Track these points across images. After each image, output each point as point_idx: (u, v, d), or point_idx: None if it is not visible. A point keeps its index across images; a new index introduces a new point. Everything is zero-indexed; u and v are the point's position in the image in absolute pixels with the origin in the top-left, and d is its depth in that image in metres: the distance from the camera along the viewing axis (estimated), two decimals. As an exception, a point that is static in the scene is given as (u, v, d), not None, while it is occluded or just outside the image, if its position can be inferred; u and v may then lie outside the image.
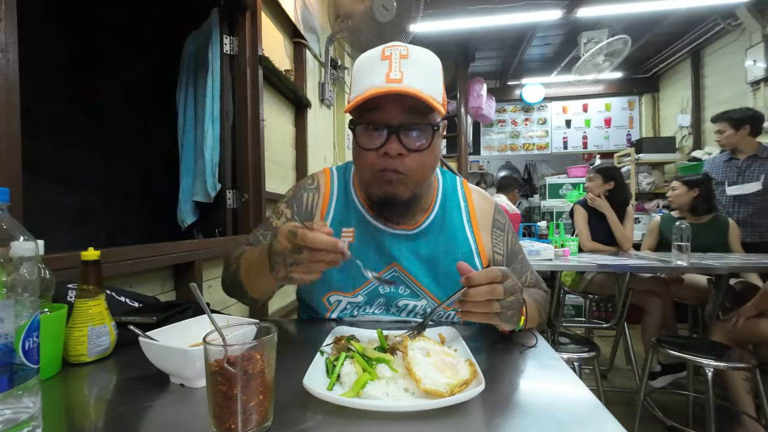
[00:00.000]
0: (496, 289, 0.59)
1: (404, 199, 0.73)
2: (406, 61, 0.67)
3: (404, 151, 0.68)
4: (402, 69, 0.66)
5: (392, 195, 0.72)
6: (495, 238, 0.85)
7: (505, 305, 0.60)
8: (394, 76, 0.65)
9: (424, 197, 0.80)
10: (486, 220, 0.86)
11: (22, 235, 0.41)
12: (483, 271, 0.60)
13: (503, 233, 0.87)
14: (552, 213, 4.67)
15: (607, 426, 0.44)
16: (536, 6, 3.30)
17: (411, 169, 0.70)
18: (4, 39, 0.71)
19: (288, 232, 0.56)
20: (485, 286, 0.59)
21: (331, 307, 0.82)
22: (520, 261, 0.89)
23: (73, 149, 2.07)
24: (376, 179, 0.72)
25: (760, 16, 3.38)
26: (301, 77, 2.15)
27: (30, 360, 0.41)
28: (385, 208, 0.76)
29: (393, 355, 0.57)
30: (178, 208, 1.65)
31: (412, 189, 0.73)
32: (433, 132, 0.70)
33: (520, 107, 5.78)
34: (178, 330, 0.62)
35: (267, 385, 0.43)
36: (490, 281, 0.59)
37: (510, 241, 0.88)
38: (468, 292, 0.59)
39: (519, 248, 0.90)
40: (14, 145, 0.73)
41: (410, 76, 0.66)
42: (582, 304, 3.41)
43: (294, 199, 0.86)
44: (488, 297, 0.58)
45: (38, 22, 1.83)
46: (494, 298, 0.59)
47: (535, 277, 0.90)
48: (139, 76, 2.32)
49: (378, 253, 0.80)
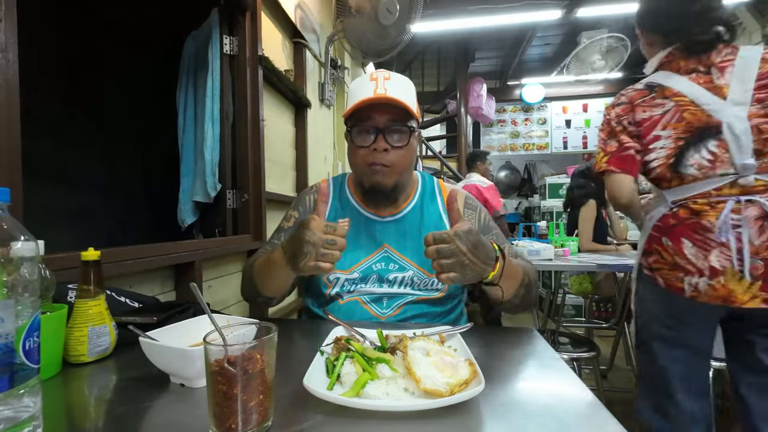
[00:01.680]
0: (441, 248, 0.69)
1: (389, 186, 0.92)
2: (389, 81, 0.88)
3: (389, 147, 0.88)
4: (386, 87, 0.87)
5: (380, 183, 0.91)
6: (465, 215, 1.01)
7: (445, 253, 0.69)
8: (380, 92, 0.86)
9: (405, 189, 1.00)
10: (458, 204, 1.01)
11: (22, 235, 0.41)
12: (429, 234, 0.71)
13: (474, 212, 1.03)
14: (552, 213, 4.68)
15: (607, 426, 0.44)
16: (536, 6, 3.30)
17: (393, 162, 0.90)
18: (4, 39, 0.71)
19: (325, 225, 0.73)
20: (432, 246, 0.70)
21: (331, 284, 0.94)
22: (494, 236, 1.00)
23: (73, 149, 2.07)
24: (367, 171, 0.91)
25: (760, 16, 3.38)
26: (301, 77, 2.15)
27: (30, 360, 0.41)
28: (375, 194, 0.95)
29: (393, 354, 0.57)
30: (178, 208, 1.65)
31: (395, 179, 0.92)
32: (410, 133, 0.90)
33: (520, 107, 5.78)
34: (179, 330, 0.62)
35: (267, 384, 0.43)
36: (433, 242, 0.70)
37: (482, 218, 1.03)
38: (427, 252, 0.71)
39: (494, 226, 1.03)
40: (14, 145, 0.73)
41: (392, 92, 0.86)
42: (582, 304, 3.42)
43: (299, 203, 1.06)
44: (435, 256, 0.70)
45: (38, 22, 1.83)
46: (442, 257, 0.69)
47: (514, 252, 0.97)
48: (139, 76, 2.32)
49: (370, 237, 0.97)
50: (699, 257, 1.05)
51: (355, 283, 0.94)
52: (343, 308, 0.92)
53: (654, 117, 1.13)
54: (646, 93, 1.16)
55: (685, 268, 1.07)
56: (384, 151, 0.88)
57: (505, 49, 4.86)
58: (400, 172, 0.92)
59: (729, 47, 1.10)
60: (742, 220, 1.01)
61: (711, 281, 1.03)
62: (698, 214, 1.07)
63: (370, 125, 0.89)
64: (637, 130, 1.16)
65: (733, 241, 1.01)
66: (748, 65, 1.04)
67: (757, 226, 1.00)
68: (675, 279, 1.09)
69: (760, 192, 1.01)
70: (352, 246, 0.95)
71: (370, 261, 0.94)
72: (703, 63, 1.10)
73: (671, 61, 1.16)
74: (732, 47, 1.10)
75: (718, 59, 1.09)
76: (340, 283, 0.94)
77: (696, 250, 1.06)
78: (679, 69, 1.13)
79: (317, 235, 0.72)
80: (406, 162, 0.92)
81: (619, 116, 1.20)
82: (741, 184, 1.03)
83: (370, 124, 0.89)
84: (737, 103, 1.04)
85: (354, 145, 0.91)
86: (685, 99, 1.09)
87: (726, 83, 1.06)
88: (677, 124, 1.10)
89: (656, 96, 1.14)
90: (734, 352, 1.14)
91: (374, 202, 0.99)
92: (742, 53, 1.07)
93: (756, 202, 1.00)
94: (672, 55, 1.16)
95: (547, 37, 4.48)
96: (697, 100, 1.08)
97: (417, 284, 0.93)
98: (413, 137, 0.92)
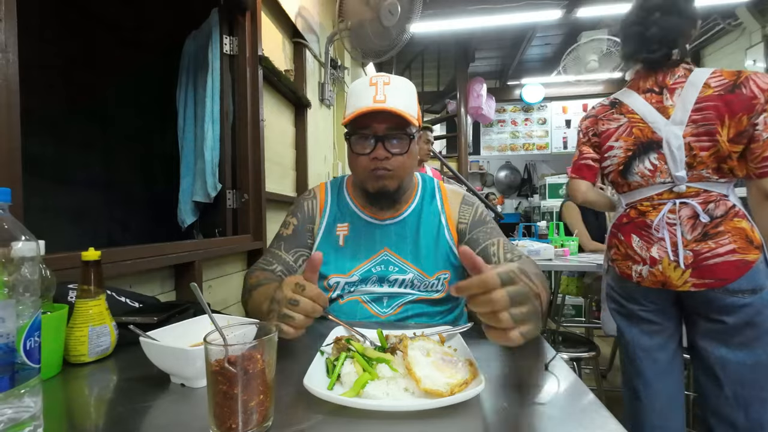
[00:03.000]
0: (514, 292, 0.48)
1: (393, 189, 0.92)
2: (388, 86, 0.87)
3: (389, 154, 0.88)
4: (385, 93, 0.86)
5: (384, 187, 0.91)
6: (462, 211, 1.00)
7: (518, 317, 0.48)
8: (379, 98, 0.85)
9: (407, 191, 0.99)
10: (455, 201, 1.03)
11: (23, 234, 0.41)
12: (473, 278, 0.48)
13: (471, 207, 1.01)
14: (552, 213, 4.68)
15: (607, 426, 0.44)
16: (536, 6, 3.30)
17: (395, 166, 0.90)
18: (4, 39, 0.71)
19: (296, 284, 0.61)
20: (500, 291, 0.47)
21: (331, 288, 0.94)
22: (489, 228, 0.97)
23: (73, 149, 2.07)
24: (370, 177, 0.91)
25: (760, 16, 3.38)
26: (301, 77, 2.15)
27: (31, 360, 0.41)
28: (379, 198, 0.95)
29: (393, 354, 0.57)
30: (178, 208, 1.65)
31: (398, 182, 0.92)
32: (409, 140, 0.90)
33: (520, 107, 5.78)
34: (179, 330, 0.62)
35: (267, 384, 0.43)
36: (484, 288, 0.47)
37: (478, 213, 1.00)
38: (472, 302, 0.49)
39: (489, 220, 1.00)
40: (14, 145, 0.73)
41: (391, 98, 0.85)
42: (582, 304, 3.42)
43: (297, 209, 1.04)
44: (506, 305, 0.47)
45: (38, 22, 1.83)
46: (497, 309, 0.47)
47: (510, 246, 0.93)
48: (139, 76, 2.32)
49: (369, 241, 0.97)
50: (643, 249, 1.25)
51: (355, 285, 0.94)
52: (343, 307, 0.93)
53: (610, 130, 1.33)
54: (608, 108, 1.36)
55: (633, 257, 1.27)
56: (384, 159, 0.88)
57: (505, 49, 4.86)
58: (401, 177, 0.93)
59: (684, 69, 1.23)
60: (677, 219, 1.20)
61: (652, 268, 1.23)
62: (644, 214, 1.26)
63: (369, 133, 0.88)
64: (598, 141, 1.38)
65: (668, 236, 1.20)
66: (693, 89, 1.19)
67: (690, 224, 1.18)
68: (626, 267, 1.29)
69: (692, 196, 1.19)
70: (352, 250, 0.96)
71: (370, 264, 0.94)
72: (658, 84, 1.26)
73: (636, 79, 1.33)
74: (687, 70, 1.23)
75: (671, 81, 1.24)
76: (340, 286, 0.94)
77: (642, 243, 1.26)
78: (639, 88, 1.30)
79: (283, 293, 0.61)
80: (406, 168, 0.92)
81: (587, 128, 1.41)
82: (676, 191, 1.22)
83: (369, 132, 0.88)
84: (677, 122, 1.20)
85: (353, 152, 0.91)
86: (636, 116, 1.28)
87: (672, 104, 1.22)
88: (627, 137, 1.29)
89: (615, 112, 1.33)
90: (688, 340, 1.28)
91: (376, 206, 0.98)
92: (691, 77, 1.21)
93: (689, 204, 1.19)
94: (638, 73, 1.33)
95: (547, 37, 4.48)
96: (646, 117, 1.26)
97: (417, 285, 0.93)
98: (413, 143, 0.91)
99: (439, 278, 0.94)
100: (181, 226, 1.65)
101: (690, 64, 1.25)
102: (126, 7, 2.18)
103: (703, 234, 1.16)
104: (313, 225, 1.01)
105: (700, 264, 1.15)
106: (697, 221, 1.17)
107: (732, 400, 1.13)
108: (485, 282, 0.47)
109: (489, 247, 0.92)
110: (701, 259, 1.15)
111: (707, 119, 1.16)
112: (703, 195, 1.18)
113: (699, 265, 1.15)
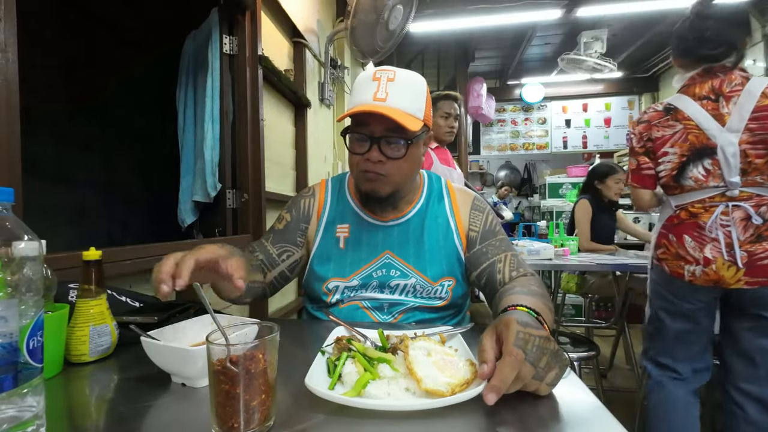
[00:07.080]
0: (522, 375, 0.47)
1: (384, 194, 0.87)
2: (392, 83, 0.80)
3: (383, 158, 0.82)
4: (387, 90, 0.80)
5: (374, 190, 0.86)
6: (473, 217, 0.96)
7: (542, 375, 0.49)
8: (380, 96, 0.79)
9: (407, 193, 0.95)
10: (465, 206, 0.98)
11: (26, 234, 0.42)
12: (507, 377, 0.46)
13: (482, 214, 0.97)
14: (552, 213, 4.68)
15: (608, 426, 0.44)
16: (536, 6, 3.30)
17: (389, 172, 0.84)
18: (4, 39, 0.71)
19: (180, 259, 0.58)
20: (514, 355, 0.47)
21: (330, 293, 0.91)
22: (498, 240, 0.93)
23: (73, 149, 2.07)
24: (361, 177, 0.87)
25: (760, 16, 3.39)
26: (301, 77, 2.15)
27: (34, 359, 0.41)
28: (370, 200, 0.90)
29: (394, 354, 0.57)
30: (179, 208, 1.65)
31: (392, 187, 0.87)
32: (408, 144, 0.82)
33: (520, 107, 5.78)
34: (179, 330, 0.62)
35: (269, 384, 0.43)
36: (515, 349, 0.47)
37: (489, 221, 0.97)
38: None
39: (500, 230, 0.97)
40: (14, 145, 0.73)
41: (394, 96, 0.79)
42: (582, 304, 3.42)
43: (293, 206, 1.00)
44: (520, 385, 0.48)
45: (38, 22, 1.83)
46: (526, 381, 0.48)
47: (517, 261, 0.90)
48: (139, 76, 2.31)
49: (371, 243, 0.92)
50: (696, 249, 1.31)
51: (355, 290, 0.90)
52: (343, 312, 0.90)
53: (666, 136, 1.38)
54: (663, 114, 1.40)
55: (685, 257, 1.33)
56: (379, 162, 0.82)
57: (505, 49, 4.85)
58: (397, 182, 0.87)
59: (741, 78, 1.27)
60: (730, 221, 1.26)
61: (705, 268, 1.29)
62: (695, 215, 1.32)
63: (365, 132, 0.82)
64: (652, 146, 1.43)
65: (722, 237, 1.26)
66: (750, 97, 1.24)
67: (742, 225, 1.25)
68: (677, 267, 1.36)
69: (744, 199, 1.26)
70: (352, 253, 0.92)
71: (371, 268, 0.90)
72: (714, 91, 1.30)
73: (690, 85, 1.36)
74: (744, 78, 1.27)
75: (728, 89, 1.28)
76: (339, 290, 0.91)
77: (694, 244, 1.32)
78: (694, 95, 1.34)
79: (171, 259, 0.59)
80: (403, 173, 0.86)
81: (641, 133, 1.45)
82: (728, 195, 1.28)
83: (365, 131, 0.82)
84: (732, 130, 1.26)
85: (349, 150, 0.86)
86: (692, 123, 1.32)
87: (728, 112, 1.27)
88: (683, 143, 1.34)
89: (670, 118, 1.37)
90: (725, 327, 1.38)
91: (374, 207, 0.94)
92: (749, 86, 1.25)
93: (741, 207, 1.25)
94: (692, 79, 1.36)
95: (546, 37, 4.48)
96: (701, 124, 1.30)
97: (419, 292, 0.90)
98: (413, 147, 0.84)
99: (443, 285, 0.90)
100: (181, 225, 1.65)
101: (746, 72, 1.29)
102: (126, 7, 2.18)
103: (757, 236, 1.23)
104: (308, 225, 0.96)
105: (754, 264, 1.23)
106: (749, 223, 1.24)
107: (765, 380, 1.26)
108: (510, 355, 0.47)
109: (496, 263, 0.89)
110: (755, 259, 1.22)
111: (764, 128, 1.22)
112: (756, 198, 1.25)
113: (753, 264, 1.23)
